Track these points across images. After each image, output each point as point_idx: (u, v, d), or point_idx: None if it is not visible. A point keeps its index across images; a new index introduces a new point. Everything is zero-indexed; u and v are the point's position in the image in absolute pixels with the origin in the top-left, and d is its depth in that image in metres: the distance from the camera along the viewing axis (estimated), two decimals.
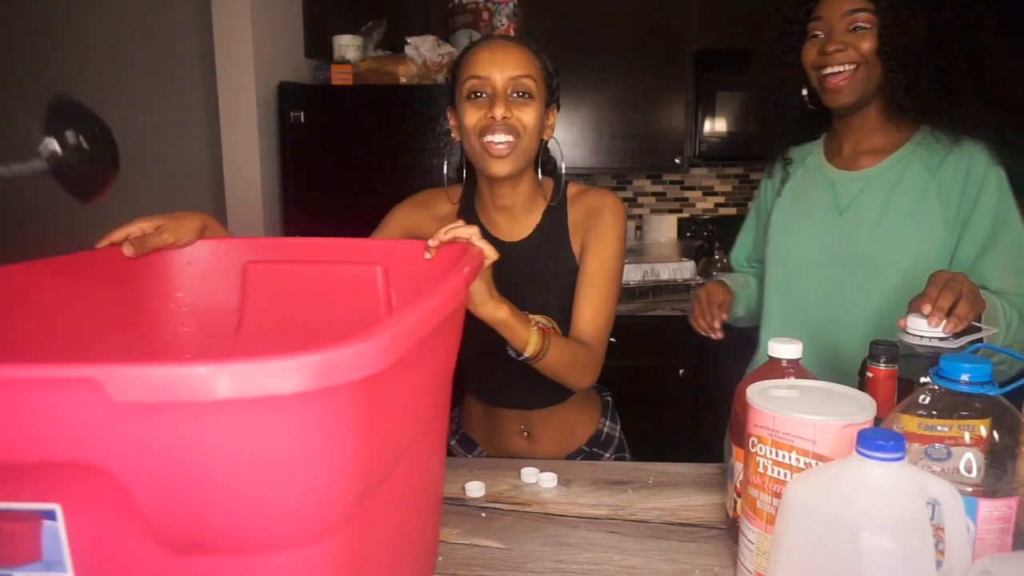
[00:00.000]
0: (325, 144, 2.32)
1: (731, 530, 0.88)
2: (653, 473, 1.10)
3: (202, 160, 2.64)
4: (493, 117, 1.07)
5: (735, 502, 0.86)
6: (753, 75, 1.31)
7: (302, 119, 2.30)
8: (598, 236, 1.15)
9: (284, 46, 2.47)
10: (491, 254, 0.89)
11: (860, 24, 1.12)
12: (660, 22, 2.61)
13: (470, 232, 0.88)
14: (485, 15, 2.51)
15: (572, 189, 1.21)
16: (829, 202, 1.23)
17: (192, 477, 0.39)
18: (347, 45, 2.42)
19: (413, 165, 2.30)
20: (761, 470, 0.73)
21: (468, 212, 1.24)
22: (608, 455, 1.29)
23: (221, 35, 2.28)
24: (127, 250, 0.89)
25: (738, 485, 0.84)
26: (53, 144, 0.82)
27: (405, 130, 2.29)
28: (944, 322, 0.86)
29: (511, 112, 1.07)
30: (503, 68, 1.08)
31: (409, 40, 2.40)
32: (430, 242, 0.89)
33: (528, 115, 1.09)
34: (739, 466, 0.83)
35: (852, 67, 1.13)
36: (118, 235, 0.90)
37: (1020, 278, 1.09)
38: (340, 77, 2.35)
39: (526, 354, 1.02)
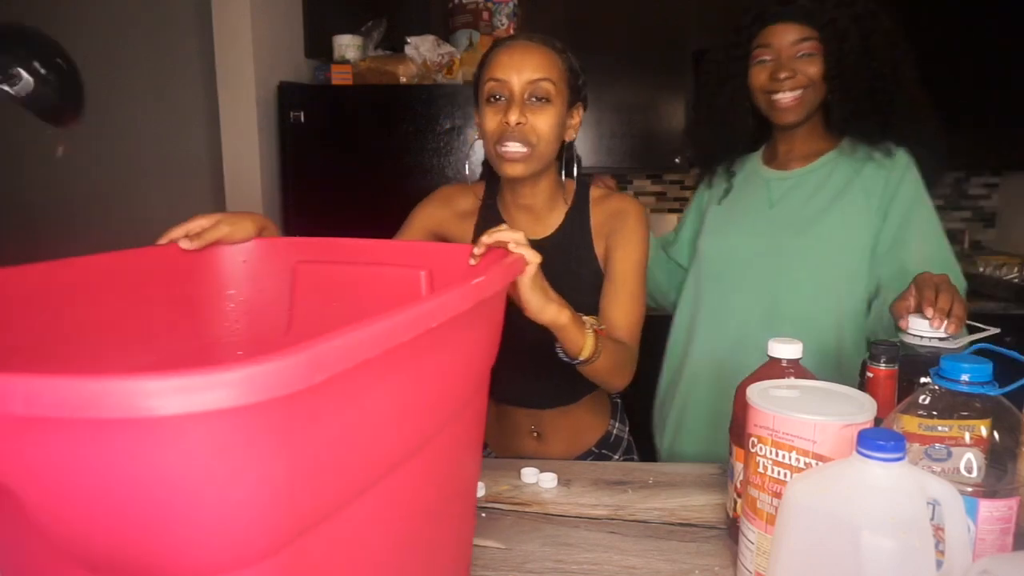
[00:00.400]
0: (325, 144, 2.32)
1: (731, 530, 0.88)
2: (653, 473, 1.10)
3: (202, 160, 2.64)
4: (507, 122, 1.06)
5: (735, 502, 0.86)
6: (699, 95, 1.40)
7: (302, 119, 2.30)
8: (625, 237, 1.16)
9: (284, 46, 2.47)
10: (532, 258, 0.86)
11: (806, 51, 1.21)
12: (660, 22, 2.61)
13: (512, 237, 0.84)
14: (485, 15, 2.51)
15: (594, 193, 1.22)
16: (762, 199, 1.32)
17: (100, 496, 0.37)
18: (347, 45, 2.42)
19: (413, 165, 2.30)
20: (761, 470, 0.73)
21: (491, 209, 1.23)
22: (617, 457, 1.29)
23: (221, 35, 2.28)
24: (186, 244, 0.89)
25: (738, 485, 0.84)
26: (22, 75, 0.81)
27: (405, 130, 2.29)
28: (946, 323, 0.89)
29: (526, 118, 1.07)
30: (521, 71, 1.08)
31: (409, 40, 2.40)
32: (475, 249, 0.86)
33: (543, 121, 1.08)
34: (739, 466, 0.83)
35: (800, 91, 1.22)
36: (177, 232, 0.90)
37: (935, 262, 1.18)
38: (340, 77, 2.35)
39: (581, 358, 1.00)
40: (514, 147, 1.07)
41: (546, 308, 0.92)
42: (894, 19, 1.23)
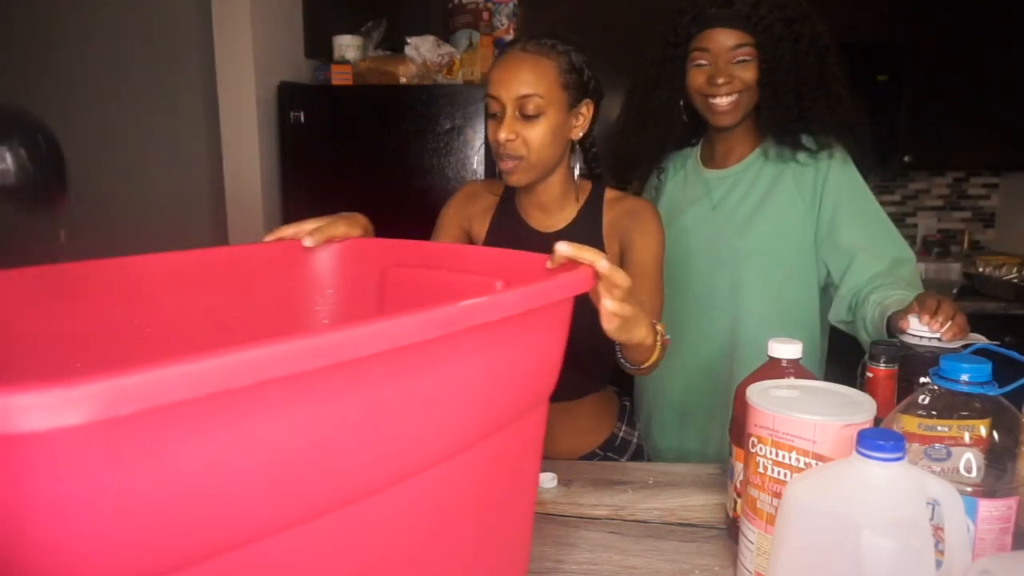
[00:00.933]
0: (325, 144, 2.32)
1: (731, 530, 0.88)
2: (653, 473, 1.10)
3: (202, 160, 2.64)
4: (498, 140, 1.10)
5: (735, 502, 0.86)
6: (631, 96, 1.43)
7: (302, 119, 2.30)
8: (641, 233, 1.16)
9: (284, 46, 2.47)
10: (621, 281, 0.77)
11: (743, 57, 1.24)
12: (660, 22, 2.61)
13: (592, 258, 0.75)
14: (485, 15, 2.51)
15: (609, 194, 1.22)
16: (704, 200, 1.38)
17: None
18: (347, 45, 2.42)
19: (413, 165, 2.30)
20: (761, 470, 0.73)
21: (508, 203, 1.26)
22: (624, 460, 1.29)
23: (221, 35, 2.28)
24: (308, 241, 0.91)
25: (738, 485, 0.84)
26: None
27: (405, 130, 2.29)
28: (948, 326, 0.90)
29: (516, 133, 1.10)
30: (509, 87, 1.09)
31: (409, 40, 2.40)
32: (548, 264, 0.79)
33: (534, 133, 1.10)
34: (739, 466, 0.83)
35: (736, 95, 1.26)
36: (288, 231, 0.92)
37: (873, 239, 1.26)
38: (340, 77, 2.35)
39: (644, 366, 0.99)
40: (508, 162, 1.12)
41: (640, 327, 0.85)
42: (820, 17, 1.27)
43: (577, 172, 1.21)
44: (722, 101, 1.27)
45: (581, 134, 1.17)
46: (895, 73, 2.57)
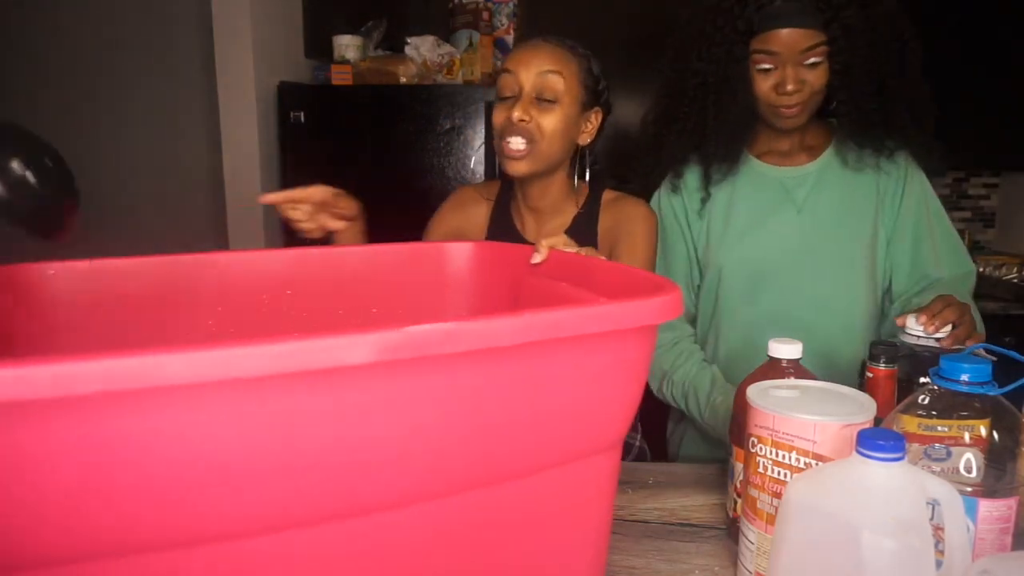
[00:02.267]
0: (325, 144, 2.32)
1: (731, 530, 0.88)
2: (653, 473, 1.10)
3: (202, 160, 2.64)
4: (510, 118, 1.07)
5: (735, 502, 0.86)
6: (682, 92, 1.23)
7: (302, 119, 2.30)
8: (629, 239, 1.13)
9: (284, 46, 2.47)
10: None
11: (814, 59, 1.11)
12: (660, 22, 2.61)
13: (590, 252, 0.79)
14: (485, 15, 2.51)
15: (607, 196, 1.20)
16: (784, 201, 1.24)
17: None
18: (347, 45, 2.42)
19: (413, 165, 2.30)
20: (761, 470, 0.73)
21: (503, 209, 1.24)
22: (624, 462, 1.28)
23: (221, 35, 2.28)
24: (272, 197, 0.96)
25: (738, 485, 0.84)
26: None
27: (405, 130, 2.29)
28: (947, 328, 0.91)
29: (530, 115, 1.07)
30: (529, 64, 1.07)
31: (409, 40, 2.40)
32: (533, 258, 0.82)
33: (549, 120, 1.08)
34: (739, 466, 0.83)
35: (806, 100, 1.15)
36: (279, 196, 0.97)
37: (952, 265, 1.21)
38: (340, 77, 2.35)
39: None
40: (515, 142, 1.07)
41: None
42: (896, 4, 1.14)
43: (576, 181, 1.18)
44: (791, 109, 1.15)
45: (588, 140, 1.16)
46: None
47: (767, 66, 1.13)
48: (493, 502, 0.52)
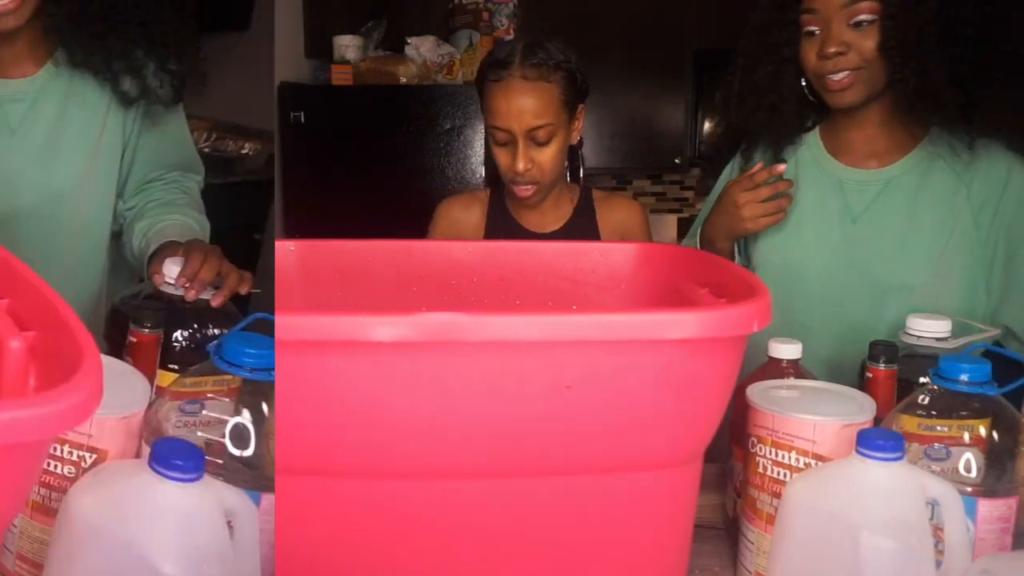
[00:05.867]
0: (325, 144, 2.32)
1: (731, 530, 0.88)
2: None
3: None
4: (515, 170, 1.12)
5: (735, 502, 0.86)
6: (736, 64, 1.10)
7: (302, 119, 2.30)
8: (632, 237, 1.20)
9: (284, 46, 2.47)
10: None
11: (862, 17, 0.93)
12: (660, 22, 2.61)
13: None
14: (485, 15, 2.52)
15: (596, 194, 1.27)
16: (839, 205, 1.05)
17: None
18: (347, 45, 2.42)
19: (413, 165, 2.30)
20: (761, 470, 0.73)
21: (499, 207, 1.27)
22: None
23: None
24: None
25: (738, 485, 0.84)
26: None
27: (405, 131, 2.29)
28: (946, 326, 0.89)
29: (532, 160, 1.12)
30: (520, 119, 1.10)
31: (409, 40, 2.40)
32: None
33: (546, 156, 1.13)
34: (739, 466, 0.83)
35: (855, 70, 0.95)
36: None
37: None
38: (340, 77, 2.35)
39: None
40: (524, 189, 1.15)
41: None
42: None
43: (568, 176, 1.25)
44: (837, 76, 0.95)
45: (578, 137, 1.21)
46: None
47: (812, 28, 0.97)
48: (581, 490, 0.59)
